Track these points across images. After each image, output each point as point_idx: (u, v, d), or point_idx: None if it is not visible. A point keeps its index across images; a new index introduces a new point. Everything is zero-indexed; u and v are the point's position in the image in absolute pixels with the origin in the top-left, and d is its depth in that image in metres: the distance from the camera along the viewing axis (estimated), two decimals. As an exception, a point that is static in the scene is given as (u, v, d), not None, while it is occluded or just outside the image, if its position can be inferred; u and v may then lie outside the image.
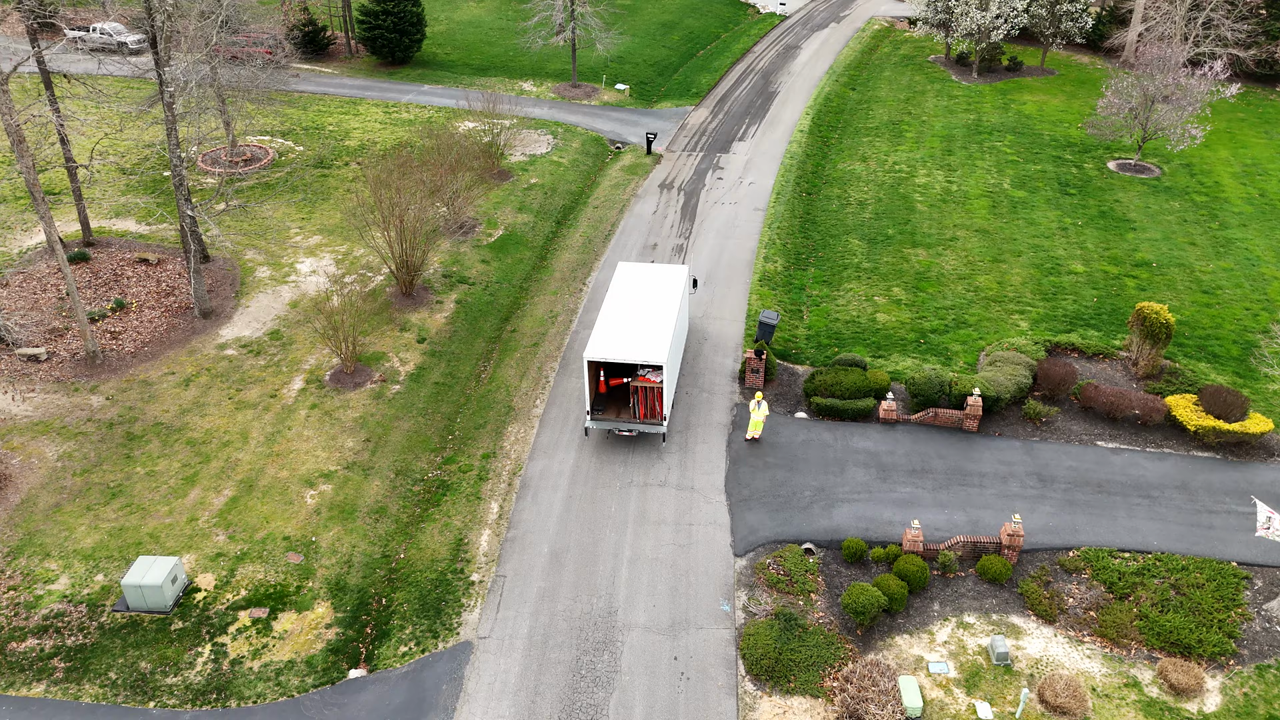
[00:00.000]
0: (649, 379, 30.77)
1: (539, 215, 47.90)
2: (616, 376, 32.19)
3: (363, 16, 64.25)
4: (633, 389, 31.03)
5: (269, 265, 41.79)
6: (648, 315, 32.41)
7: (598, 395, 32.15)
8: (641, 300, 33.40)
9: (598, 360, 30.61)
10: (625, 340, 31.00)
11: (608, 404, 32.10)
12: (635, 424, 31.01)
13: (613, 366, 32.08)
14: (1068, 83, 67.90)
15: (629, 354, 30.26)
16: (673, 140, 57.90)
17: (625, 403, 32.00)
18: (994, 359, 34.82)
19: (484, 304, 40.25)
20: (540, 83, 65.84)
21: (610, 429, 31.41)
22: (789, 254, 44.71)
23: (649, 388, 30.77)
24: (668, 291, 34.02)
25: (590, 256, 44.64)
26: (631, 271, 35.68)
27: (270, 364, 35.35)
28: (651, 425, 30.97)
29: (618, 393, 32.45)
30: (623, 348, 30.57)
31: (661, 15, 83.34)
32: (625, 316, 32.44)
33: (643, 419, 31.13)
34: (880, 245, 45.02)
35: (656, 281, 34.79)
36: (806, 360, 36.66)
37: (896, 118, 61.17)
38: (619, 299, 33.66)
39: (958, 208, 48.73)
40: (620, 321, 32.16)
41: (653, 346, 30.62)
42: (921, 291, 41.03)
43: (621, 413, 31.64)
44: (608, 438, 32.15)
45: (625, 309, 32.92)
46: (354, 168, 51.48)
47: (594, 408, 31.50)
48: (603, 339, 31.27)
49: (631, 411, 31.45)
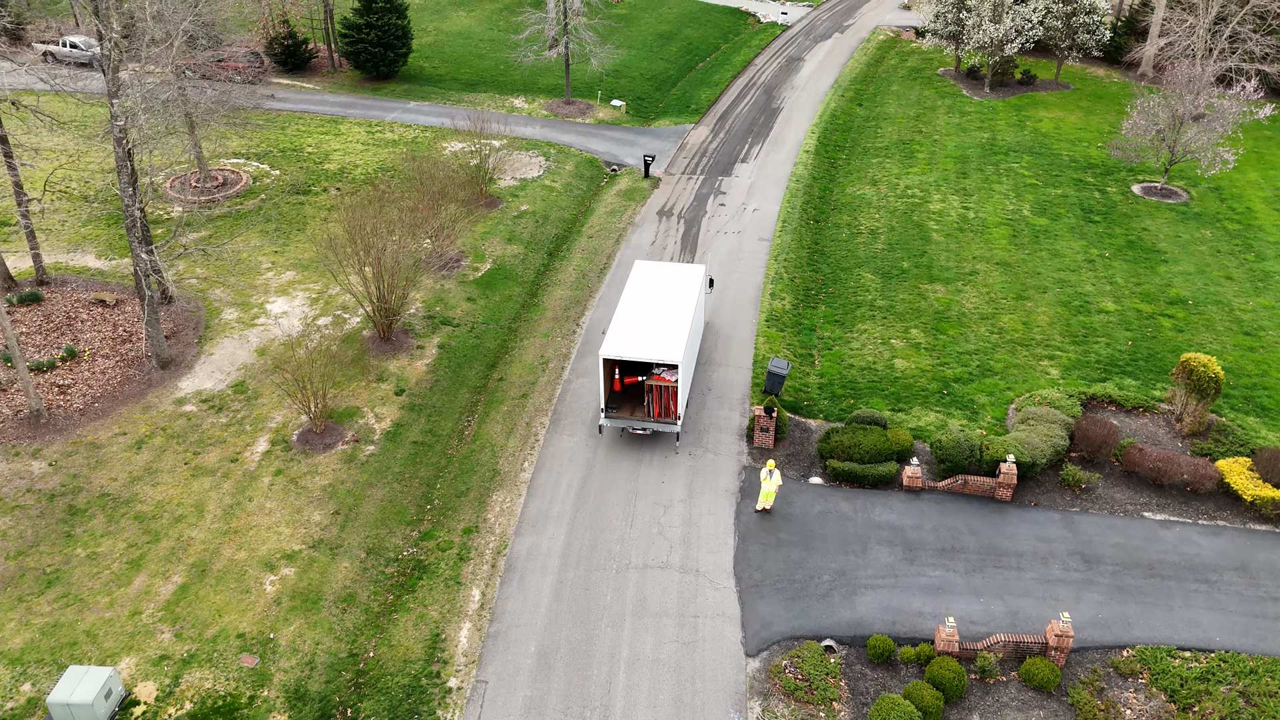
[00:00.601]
0: (664, 378, 30.61)
1: (529, 246, 44.82)
2: (631, 375, 32.12)
3: (345, 30, 61.13)
4: (648, 388, 30.85)
5: (237, 306, 38.64)
6: (664, 314, 32.36)
7: (612, 393, 31.93)
8: (658, 299, 33.27)
9: (613, 358, 30.46)
10: (641, 339, 30.92)
11: (622, 402, 32.01)
12: (649, 423, 30.97)
13: (628, 364, 32.03)
14: (1084, 98, 64.93)
15: (645, 352, 30.17)
16: (671, 162, 54.83)
17: (640, 401, 31.90)
18: (1025, 416, 31.78)
19: (469, 348, 37.15)
20: (532, 99, 62.74)
21: (624, 427, 31.37)
22: (797, 290, 41.66)
23: (664, 387, 30.62)
24: (684, 291, 33.80)
25: (584, 293, 41.54)
26: (648, 270, 35.39)
27: (232, 422, 32.21)
28: (666, 424, 30.86)
29: (632, 391, 32.35)
30: (638, 346, 30.48)
31: (659, 25, 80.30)
32: (641, 315, 32.31)
33: (657, 418, 31.10)
34: (895, 280, 41.97)
35: (673, 280, 34.55)
36: (820, 413, 33.61)
37: (907, 136, 58.15)
38: (635, 297, 33.49)
39: (976, 237, 45.71)
40: (636, 320, 32.05)
41: (668, 346, 30.52)
42: (942, 334, 37.99)
43: (636, 411, 31.58)
44: (605, 495, 29.08)
45: (641, 307, 32.79)
46: (332, 194, 48.36)
47: (608, 406, 31.40)
48: (619, 337, 31.13)
49: (646, 410, 31.33)
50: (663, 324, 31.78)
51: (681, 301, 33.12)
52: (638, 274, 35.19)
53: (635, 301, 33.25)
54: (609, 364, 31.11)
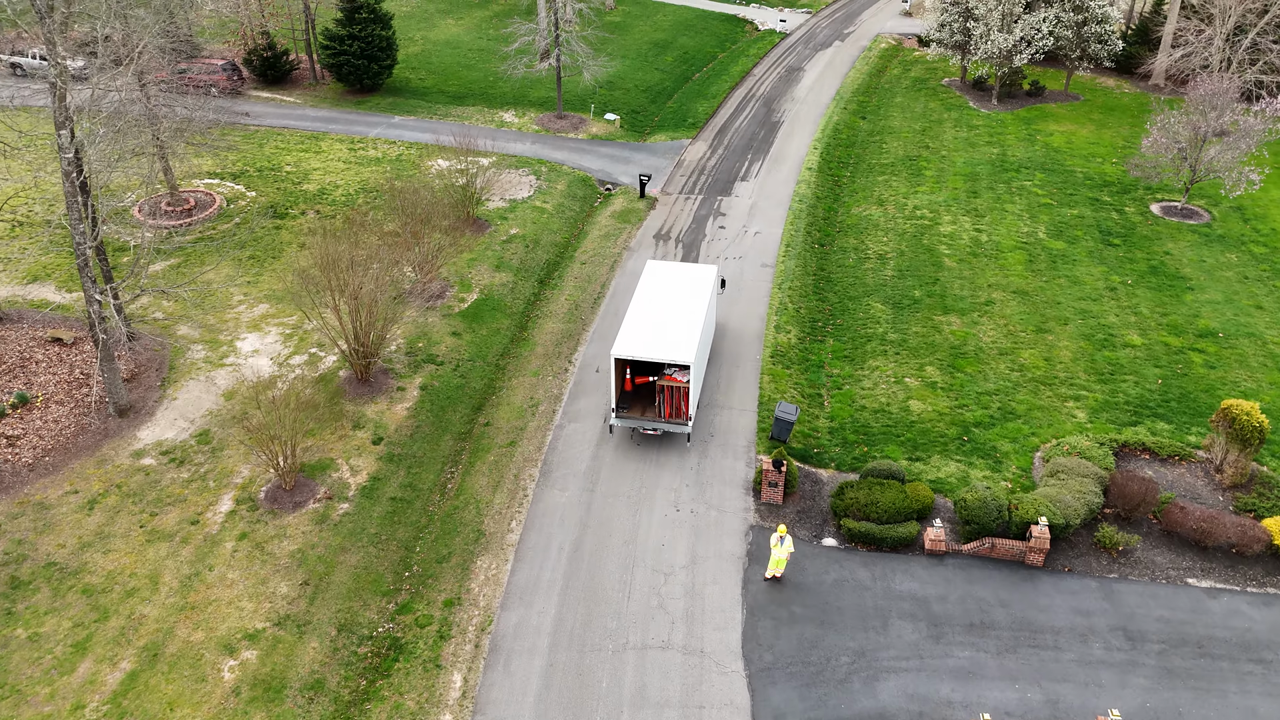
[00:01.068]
0: (675, 378, 30.60)
1: (519, 274, 42.30)
2: (642, 375, 31.97)
3: (327, 41, 58.54)
4: (659, 388, 30.85)
5: (205, 343, 36.07)
6: (676, 315, 32.34)
7: (623, 393, 31.78)
8: (670, 299, 33.28)
9: (625, 358, 30.49)
10: (653, 339, 30.93)
11: (633, 402, 31.97)
12: (660, 423, 30.99)
13: (639, 364, 31.89)
14: (1095, 110, 62.63)
15: (656, 353, 30.15)
16: (668, 180, 52.35)
17: (651, 401, 31.89)
18: (1055, 468, 29.35)
19: (453, 389, 34.63)
20: (522, 113, 60.20)
21: (635, 427, 31.37)
22: (803, 322, 39.21)
23: (675, 387, 30.60)
24: (696, 291, 33.82)
25: (577, 326, 39.03)
26: (660, 270, 35.43)
27: (195, 477, 29.64)
28: (676, 425, 30.89)
29: (643, 391, 32.25)
30: (650, 346, 30.47)
31: (654, 33, 77.83)
32: (653, 315, 32.36)
33: (668, 418, 31.10)
34: (907, 311, 39.55)
35: (684, 281, 34.60)
36: (831, 462, 31.17)
37: (913, 152, 55.75)
38: (647, 297, 33.51)
39: (990, 263, 43.31)
40: (648, 320, 32.10)
41: (680, 346, 30.49)
42: (959, 372, 35.57)
43: (646, 411, 31.57)
44: (600, 560, 26.58)
45: (653, 307, 32.82)
46: (311, 217, 45.80)
47: (619, 405, 31.36)
48: (630, 337, 31.14)
49: (657, 410, 31.35)
50: (675, 324, 31.78)
51: (693, 302, 33.07)
52: (649, 274, 35.15)
53: (647, 301, 33.22)
54: (620, 363, 31.02)
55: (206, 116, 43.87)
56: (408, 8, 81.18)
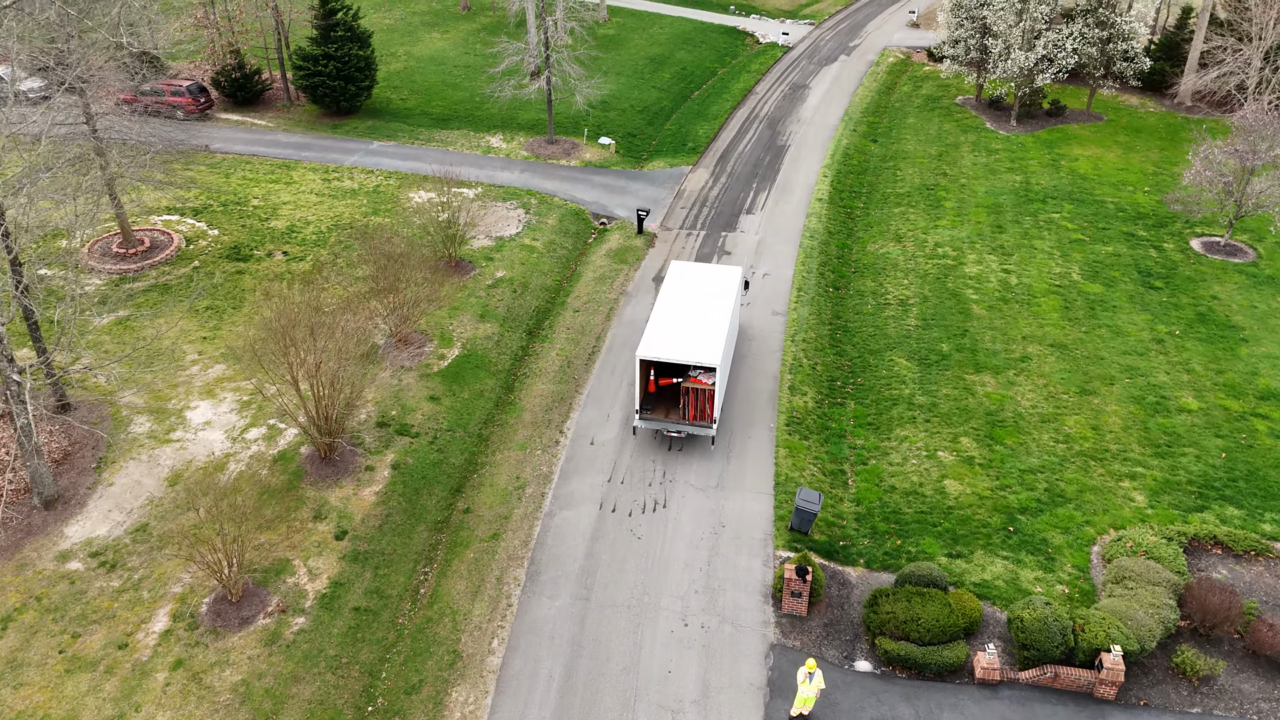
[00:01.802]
0: (701, 380, 30.35)
1: (505, 324, 38.38)
2: (666, 376, 31.73)
3: (300, 61, 54.51)
4: (684, 390, 30.57)
5: (151, 414, 32.08)
6: (701, 316, 32.14)
7: (646, 394, 31.68)
8: (695, 300, 33.07)
9: (650, 359, 30.30)
10: (678, 340, 30.74)
11: (656, 404, 31.69)
12: (684, 425, 30.73)
13: (664, 366, 31.60)
14: (1120, 131, 58.88)
15: (682, 354, 30.02)
16: (668, 213, 48.46)
17: (675, 403, 31.63)
18: (1120, 573, 25.49)
19: (429, 467, 30.69)
20: (511, 137, 56.23)
21: (659, 429, 31.17)
22: (820, 381, 35.37)
23: (700, 389, 30.31)
24: (721, 293, 33.58)
25: (570, 388, 35.11)
26: (684, 271, 35.33)
27: (128, 585, 25.65)
28: (701, 427, 30.60)
29: (667, 393, 31.97)
30: (676, 348, 30.31)
31: (650, 48, 73.93)
32: (679, 316, 32.19)
33: (692, 420, 30.83)
34: (935, 368, 35.71)
35: (709, 282, 34.44)
36: (860, 557, 27.32)
37: (930, 180, 51.94)
38: (672, 298, 33.37)
39: (1022, 309, 39.48)
40: (674, 321, 31.94)
41: (706, 348, 30.32)
42: (998, 444, 31.73)
43: (670, 413, 31.31)
44: (596, 692, 22.65)
45: (679, 308, 32.66)
46: (277, 259, 41.82)
47: (643, 407, 31.20)
48: (656, 338, 30.95)
49: (681, 413, 31.07)
50: (700, 326, 31.56)
51: (719, 303, 32.84)
52: (674, 274, 35.09)
53: (672, 302, 33.07)
54: (644, 364, 30.86)
55: (159, 148, 39.89)
56: (390, 20, 77.20)
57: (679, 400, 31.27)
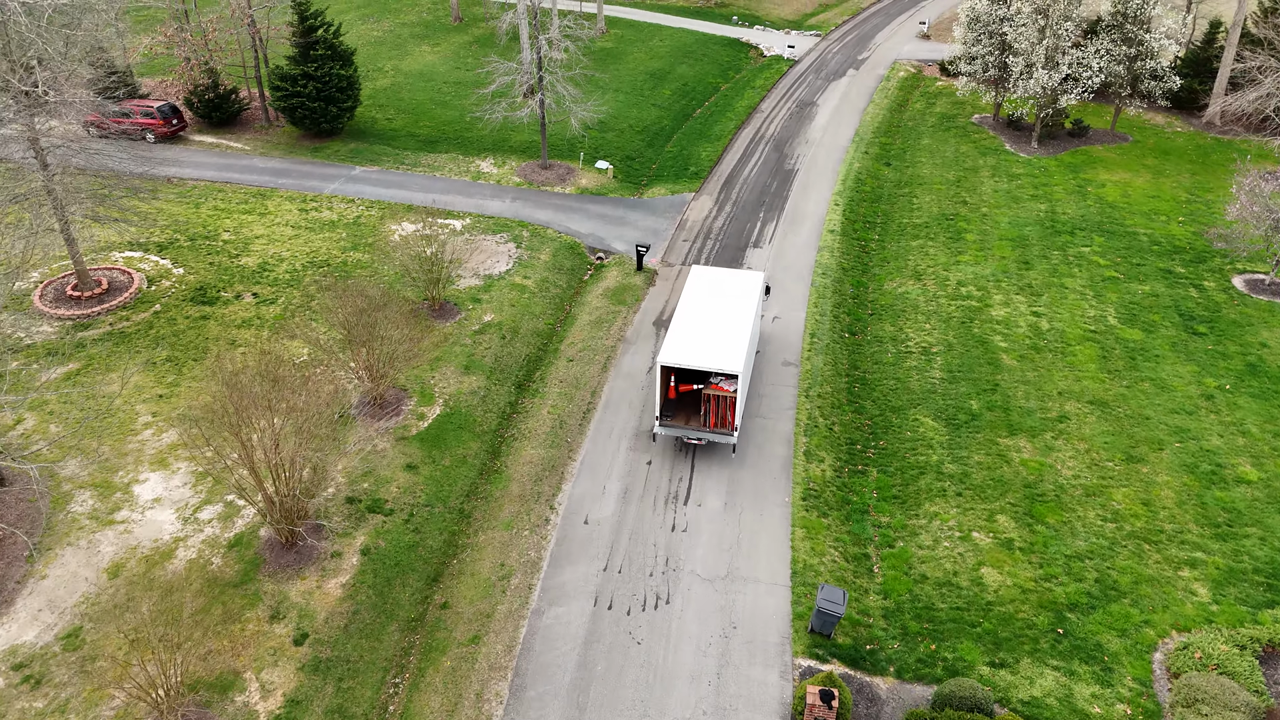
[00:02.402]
0: (722, 388, 29.99)
1: (492, 376, 35.11)
2: (687, 382, 31.49)
3: (278, 82, 51.20)
4: (705, 397, 30.23)
5: (95, 488, 28.78)
6: (723, 322, 31.97)
7: (666, 400, 31.27)
8: (716, 306, 32.90)
9: (671, 366, 30.15)
10: (700, 347, 30.55)
11: (677, 410, 31.35)
12: (705, 432, 30.49)
13: (684, 372, 31.35)
14: (1147, 153, 55.62)
15: (704, 361, 29.76)
16: (669, 247, 45.18)
17: (695, 410, 31.37)
18: (1190, 694, 22.21)
19: (403, 551, 27.41)
20: (502, 161, 52.93)
21: (679, 436, 31.02)
22: (838, 445, 32.11)
23: (722, 397, 29.93)
24: (743, 298, 33.42)
25: (562, 454, 31.82)
26: (706, 276, 35.08)
27: (53, 708, 22.35)
28: (722, 435, 30.37)
29: (687, 399, 31.74)
30: (698, 354, 30.11)
31: (649, 61, 70.64)
32: (700, 321, 32.04)
33: (713, 428, 30.50)
34: (964, 430, 32.44)
35: (731, 287, 34.18)
36: (889, 665, 24.05)
37: (949, 209, 48.66)
38: (693, 303, 33.21)
39: (1056, 359, 36.20)
40: (695, 326, 31.79)
41: (728, 355, 30.07)
42: (1038, 522, 28.45)
43: (691, 420, 31.01)
44: None
45: (700, 314, 32.51)
46: (247, 301, 38.56)
47: (663, 413, 30.85)
48: (677, 344, 30.77)
49: (702, 420, 30.70)
50: (722, 332, 31.31)
51: (740, 309, 32.64)
52: (695, 279, 34.85)
53: (693, 308, 32.89)
54: (665, 371, 30.61)
55: (117, 181, 36.65)
56: (378, 32, 73.92)
57: (700, 407, 31.02)
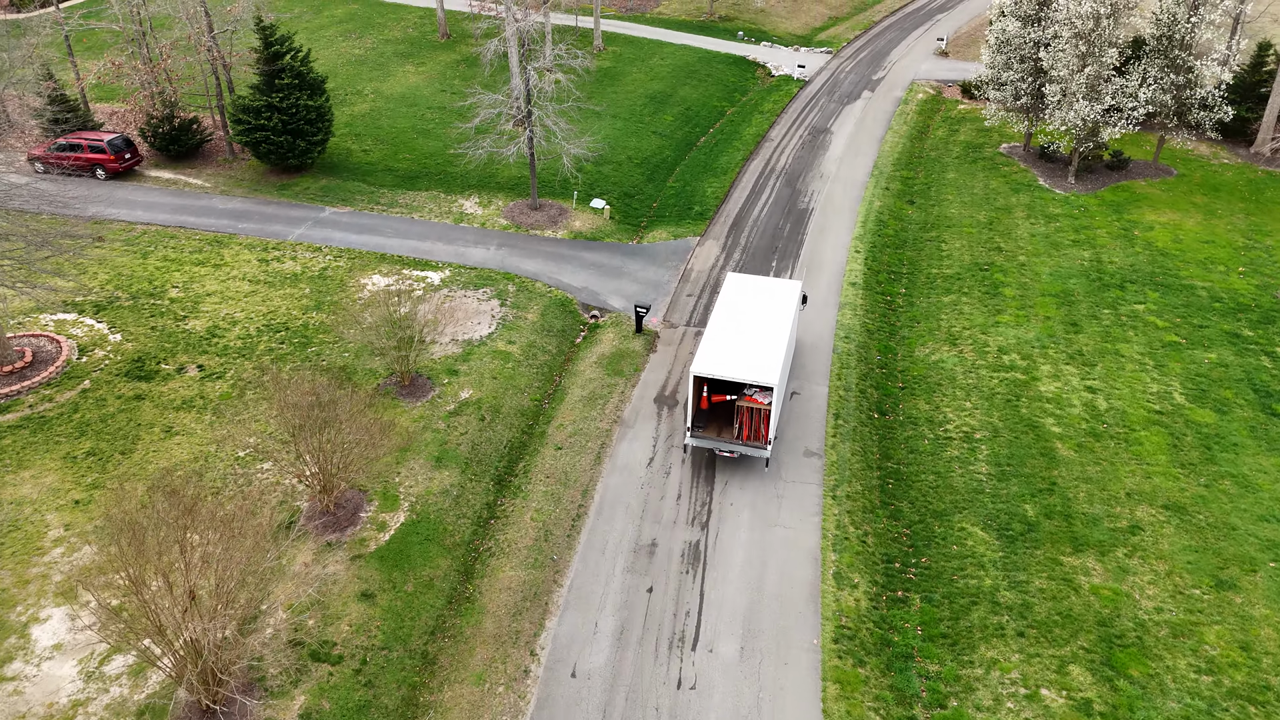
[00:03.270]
0: (757, 400, 29.29)
1: (468, 471, 30.30)
2: (720, 393, 30.60)
3: (240, 115, 46.32)
4: (738, 409, 29.56)
5: (-17, 630, 23.95)
6: (758, 332, 31.26)
7: (699, 410, 30.68)
8: (752, 315, 32.16)
9: (705, 376, 29.55)
10: (735, 357, 29.85)
11: (709, 421, 30.64)
12: (738, 445, 29.66)
13: (718, 383, 30.52)
14: (1195, 189, 50.76)
15: (739, 372, 29.11)
16: (672, 303, 40.34)
17: (728, 421, 30.65)
18: None
19: (352, 715, 22.55)
20: (488, 200, 48.06)
21: (711, 448, 30.26)
22: (873, 562, 27.28)
23: (756, 409, 29.28)
24: (779, 308, 32.69)
25: (546, 576, 26.95)
26: (740, 284, 34.36)
27: None
28: (755, 448, 29.58)
29: (720, 410, 30.95)
30: (732, 365, 29.45)
31: (649, 83, 65.75)
32: (735, 331, 31.29)
33: (746, 440, 29.75)
34: (1020, 544, 27.60)
35: (766, 295, 33.52)
36: None
37: (982, 257, 43.81)
38: (728, 312, 32.46)
39: (1120, 450, 31.37)
40: (730, 336, 31.04)
41: (764, 366, 29.41)
42: (1120, 675, 23.60)
43: (723, 432, 30.26)
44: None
45: (735, 323, 31.75)
46: (190, 376, 33.75)
47: (694, 424, 30.20)
48: (711, 354, 30.09)
49: (735, 432, 29.99)
50: (757, 342, 30.64)
51: (777, 319, 31.99)
52: (729, 287, 34.17)
53: (728, 317, 32.13)
54: (699, 381, 29.99)
55: (45, 239, 31.91)
56: (360, 51, 69.07)
57: (733, 418, 30.21)
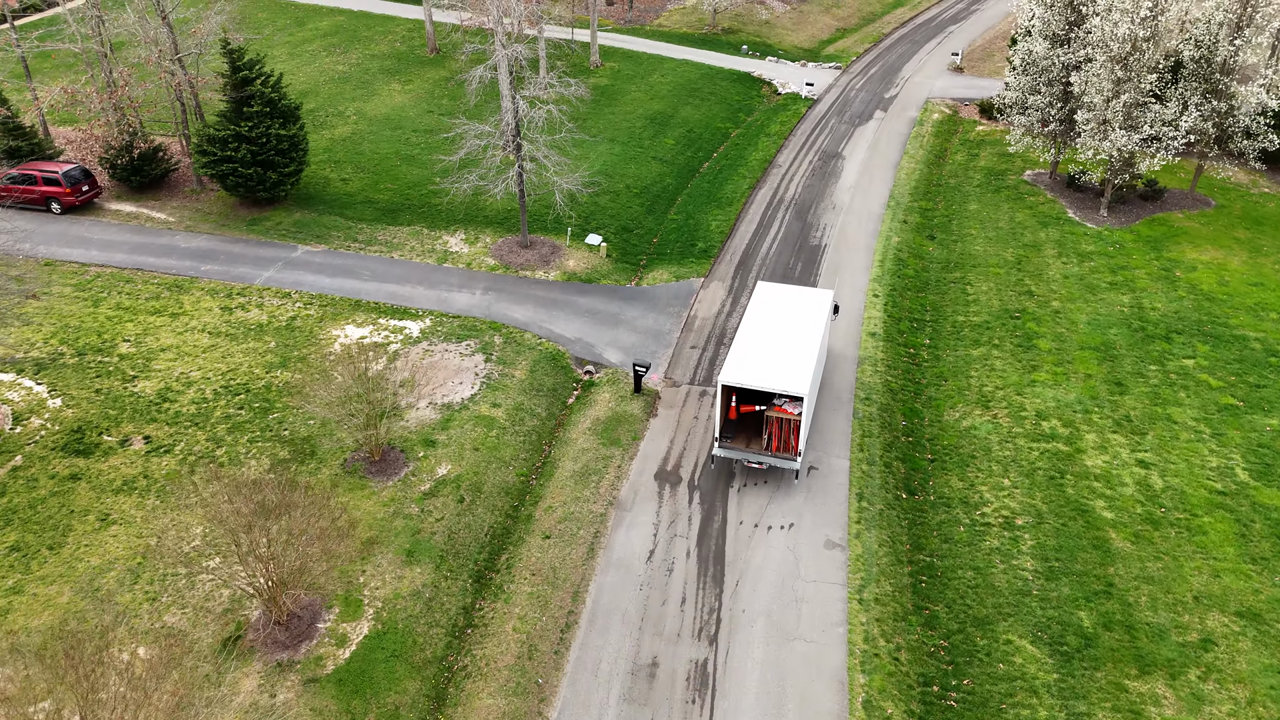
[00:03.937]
0: (786, 410, 28.66)
1: (443, 567, 26.65)
2: (748, 403, 30.00)
3: (206, 146, 42.63)
4: (767, 419, 28.86)
5: None
6: (788, 341, 30.43)
7: (726, 421, 29.65)
8: (782, 325, 31.46)
9: (733, 386, 28.78)
10: (764, 367, 29.09)
11: (737, 432, 29.94)
12: (766, 456, 29.02)
13: (746, 393, 29.89)
14: (1236, 222, 47.10)
15: (768, 382, 28.40)
16: (674, 356, 36.69)
17: (756, 432, 29.95)
18: None
19: None
20: (475, 236, 44.39)
21: (739, 459, 29.44)
22: (907, 683, 23.63)
23: (785, 419, 28.62)
24: (810, 318, 31.95)
25: (530, 706, 23.28)
26: (771, 292, 33.65)
27: None
28: (784, 460, 28.90)
29: (748, 420, 30.14)
30: (761, 375, 28.72)
31: (649, 102, 62.04)
32: (764, 341, 30.49)
33: (775, 451, 29.15)
34: (1077, 663, 23.94)
35: (797, 305, 32.69)
36: None
37: (1012, 301, 40.15)
38: (758, 321, 31.77)
39: (1183, 540, 27.72)
40: (759, 346, 30.24)
41: (793, 376, 28.67)
42: (1205, 843, 19.96)
43: (751, 443, 29.61)
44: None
45: (765, 333, 30.97)
46: (135, 449, 30.12)
47: (722, 435, 29.40)
48: (740, 363, 29.37)
49: (764, 443, 29.28)
50: (787, 352, 29.99)
51: (807, 329, 31.35)
52: (760, 296, 33.54)
53: (758, 325, 31.57)
54: (727, 390, 29.35)
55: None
56: (344, 67, 65.33)
57: (761, 429, 29.66)
